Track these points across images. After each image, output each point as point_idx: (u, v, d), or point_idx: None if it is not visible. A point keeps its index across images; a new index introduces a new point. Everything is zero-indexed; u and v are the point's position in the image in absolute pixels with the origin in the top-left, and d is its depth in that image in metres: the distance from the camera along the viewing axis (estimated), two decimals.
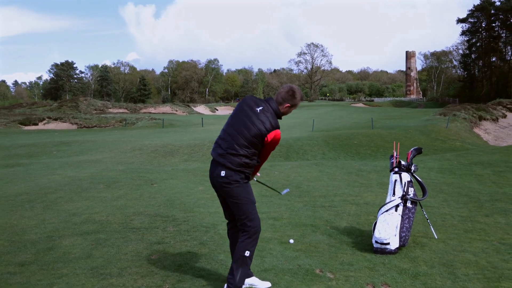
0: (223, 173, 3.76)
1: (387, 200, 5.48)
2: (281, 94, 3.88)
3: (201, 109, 74.75)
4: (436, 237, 5.67)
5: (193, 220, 6.48)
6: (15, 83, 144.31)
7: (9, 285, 4.10)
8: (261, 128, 3.70)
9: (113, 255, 4.91)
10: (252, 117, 3.75)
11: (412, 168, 5.56)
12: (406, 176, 5.47)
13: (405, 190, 5.38)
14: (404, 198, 5.35)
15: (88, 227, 6.05)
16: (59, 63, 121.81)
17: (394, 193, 5.43)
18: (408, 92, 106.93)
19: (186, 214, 6.91)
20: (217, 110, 78.41)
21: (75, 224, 6.21)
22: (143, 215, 6.77)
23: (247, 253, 3.78)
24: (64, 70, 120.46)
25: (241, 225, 3.85)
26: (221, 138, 3.87)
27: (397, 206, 5.32)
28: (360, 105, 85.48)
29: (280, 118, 3.92)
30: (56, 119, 44.95)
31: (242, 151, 3.73)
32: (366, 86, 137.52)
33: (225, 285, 3.82)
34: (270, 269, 4.51)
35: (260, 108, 3.79)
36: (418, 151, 5.84)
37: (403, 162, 5.59)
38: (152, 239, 5.52)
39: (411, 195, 5.38)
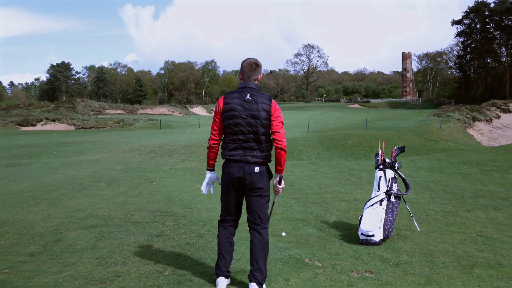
0: (257, 169, 3.93)
1: (373, 195, 5.86)
2: (247, 73, 4.06)
3: (198, 110, 75.07)
4: (418, 230, 6.05)
5: (191, 215, 6.83)
6: (11, 84, 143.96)
7: (22, 272, 4.45)
8: (265, 108, 3.90)
9: (117, 246, 5.27)
10: (251, 109, 3.90)
11: (396, 165, 5.93)
12: (390, 173, 5.85)
13: (389, 185, 5.76)
14: (388, 193, 5.73)
15: (91, 221, 6.41)
16: (55, 64, 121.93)
17: (379, 189, 5.80)
18: (404, 93, 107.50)
19: (185, 210, 7.27)
20: (213, 111, 78.70)
21: (79, 219, 6.56)
22: (144, 211, 7.12)
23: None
24: (60, 71, 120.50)
25: (257, 221, 4.02)
26: (242, 140, 3.92)
27: (381, 200, 5.70)
28: (356, 106, 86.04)
29: None
30: (53, 120, 45.17)
31: (264, 139, 3.94)
32: (362, 87, 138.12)
33: (252, 284, 3.94)
34: None
35: (248, 95, 3.95)
36: (401, 150, 6.22)
37: (387, 160, 5.97)
38: (152, 232, 5.87)
39: (395, 190, 5.76)
